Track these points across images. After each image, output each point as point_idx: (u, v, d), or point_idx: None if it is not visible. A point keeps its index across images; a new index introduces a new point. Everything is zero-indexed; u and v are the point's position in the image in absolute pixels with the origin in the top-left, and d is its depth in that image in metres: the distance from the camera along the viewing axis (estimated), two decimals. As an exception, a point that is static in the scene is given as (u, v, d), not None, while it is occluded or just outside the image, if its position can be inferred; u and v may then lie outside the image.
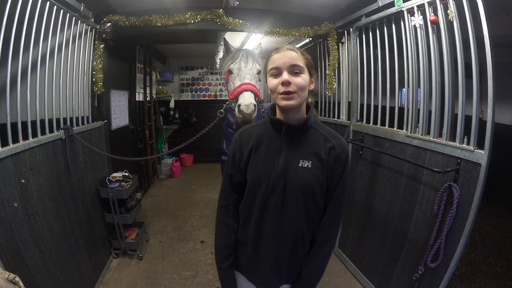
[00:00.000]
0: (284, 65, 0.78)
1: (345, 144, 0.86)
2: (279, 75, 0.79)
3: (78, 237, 1.71)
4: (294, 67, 0.78)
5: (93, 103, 2.06)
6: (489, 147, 1.15)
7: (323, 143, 0.84)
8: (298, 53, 0.80)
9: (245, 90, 1.43)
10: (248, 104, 1.38)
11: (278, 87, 0.78)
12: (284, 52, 0.79)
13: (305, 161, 0.83)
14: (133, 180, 2.18)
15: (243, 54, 1.58)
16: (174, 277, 2.02)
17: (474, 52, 1.19)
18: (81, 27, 1.81)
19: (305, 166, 0.83)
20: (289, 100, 0.78)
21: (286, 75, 0.77)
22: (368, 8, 1.81)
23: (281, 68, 0.78)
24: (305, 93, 0.81)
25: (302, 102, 0.82)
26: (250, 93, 1.43)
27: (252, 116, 1.41)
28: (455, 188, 1.25)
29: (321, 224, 0.88)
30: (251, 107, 1.38)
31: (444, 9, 1.31)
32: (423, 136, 1.46)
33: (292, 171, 0.83)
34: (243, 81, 1.48)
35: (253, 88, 1.46)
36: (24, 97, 1.35)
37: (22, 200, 1.26)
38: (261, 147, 0.86)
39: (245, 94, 1.42)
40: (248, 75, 1.52)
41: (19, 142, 1.27)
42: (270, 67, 0.81)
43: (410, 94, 1.58)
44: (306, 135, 0.85)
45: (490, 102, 1.14)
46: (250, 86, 1.45)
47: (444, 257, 1.32)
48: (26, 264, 1.25)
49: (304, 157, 0.83)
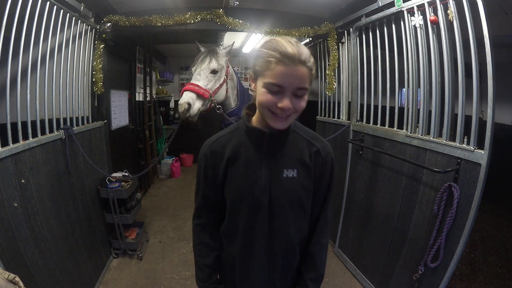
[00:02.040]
0: (290, 85, 0.62)
1: (329, 147, 0.79)
2: (278, 94, 0.63)
3: (78, 237, 1.71)
4: (299, 90, 0.63)
5: (93, 103, 2.06)
6: (489, 147, 1.15)
7: (307, 147, 0.76)
8: (309, 68, 0.63)
9: (185, 91, 1.53)
10: (181, 103, 1.49)
11: (275, 108, 0.64)
12: (294, 69, 0.61)
13: (290, 170, 0.74)
14: (133, 180, 2.18)
15: (203, 56, 1.64)
16: (174, 277, 2.02)
17: (474, 52, 1.19)
18: (81, 27, 1.81)
19: (290, 176, 0.74)
20: (284, 122, 0.67)
21: (287, 102, 0.63)
22: (368, 8, 1.81)
23: (285, 88, 0.63)
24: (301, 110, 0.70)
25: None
26: (188, 93, 1.52)
27: (188, 114, 1.51)
28: (455, 188, 1.25)
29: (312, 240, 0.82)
30: (183, 106, 1.49)
31: (444, 9, 1.31)
32: (423, 136, 1.46)
33: (277, 183, 0.74)
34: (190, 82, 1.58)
35: (193, 87, 1.53)
36: (24, 97, 1.35)
37: (22, 200, 1.26)
38: (239, 160, 0.75)
39: (183, 95, 1.52)
40: (197, 75, 1.59)
41: (19, 142, 1.27)
42: (269, 80, 0.63)
43: (410, 94, 1.58)
44: (287, 140, 0.75)
45: (490, 102, 1.13)
46: (190, 86, 1.54)
47: (444, 257, 1.32)
48: (26, 264, 1.24)
49: (288, 165, 0.74)
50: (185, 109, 1.49)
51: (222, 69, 1.67)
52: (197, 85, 1.55)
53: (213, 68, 1.61)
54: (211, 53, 1.65)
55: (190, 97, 1.51)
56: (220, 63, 1.65)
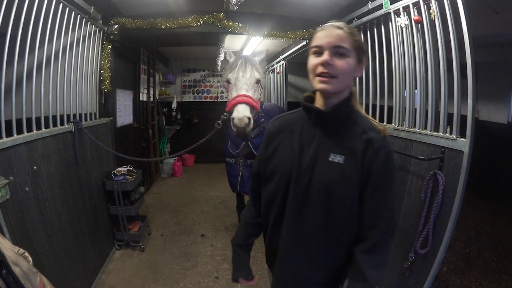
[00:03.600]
0: (328, 44, 0.68)
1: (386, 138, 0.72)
2: (320, 55, 0.69)
3: (83, 226, 1.79)
4: (339, 49, 0.68)
5: (100, 100, 2.18)
6: (470, 135, 1.22)
7: (360, 136, 0.72)
8: (346, 32, 0.69)
9: (240, 103, 1.40)
10: (241, 117, 1.36)
11: (317, 68, 0.69)
12: (330, 30, 0.69)
13: (337, 156, 0.71)
14: (137, 174, 2.27)
15: (241, 63, 1.55)
16: (175, 267, 2.09)
17: (455, 48, 1.27)
18: (91, 28, 1.94)
19: (335, 161, 0.71)
20: (326, 84, 0.68)
21: (327, 55, 0.67)
22: (360, 11, 1.91)
23: (324, 47, 0.68)
24: (347, 79, 0.71)
25: (343, 89, 0.72)
26: (245, 106, 1.40)
27: (247, 129, 1.38)
28: (440, 176, 1.32)
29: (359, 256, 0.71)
30: (244, 120, 1.36)
31: (427, 9, 1.41)
32: (409, 128, 1.54)
33: (320, 165, 0.72)
34: (239, 92, 1.46)
35: (248, 100, 1.42)
36: (38, 92, 1.46)
37: (33, 186, 1.35)
38: (292, 137, 0.78)
39: (239, 107, 1.39)
40: (245, 85, 1.48)
41: (33, 131, 1.38)
42: (312, 44, 0.71)
43: (398, 90, 1.66)
44: (344, 127, 0.74)
45: (470, 93, 1.21)
46: (245, 98, 1.42)
47: (433, 244, 1.37)
48: (34, 246, 1.31)
49: (336, 150, 0.72)
50: (246, 123, 1.36)
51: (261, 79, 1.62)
52: (250, 97, 1.45)
53: (257, 77, 1.54)
54: (249, 61, 1.57)
55: (248, 110, 1.40)
56: (260, 72, 1.60)
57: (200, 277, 1.98)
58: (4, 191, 1.12)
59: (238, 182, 2.03)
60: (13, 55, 1.24)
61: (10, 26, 1.21)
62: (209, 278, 1.98)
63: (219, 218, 2.95)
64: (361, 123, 0.74)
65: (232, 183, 2.13)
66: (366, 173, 0.70)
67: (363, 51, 0.74)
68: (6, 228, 1.12)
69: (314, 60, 0.70)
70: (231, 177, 2.13)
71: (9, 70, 1.23)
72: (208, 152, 5.06)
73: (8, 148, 1.18)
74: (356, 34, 0.72)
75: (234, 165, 2.06)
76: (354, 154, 0.71)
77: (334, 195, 0.71)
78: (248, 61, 1.56)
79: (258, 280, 0.86)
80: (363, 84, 2.02)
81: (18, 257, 0.87)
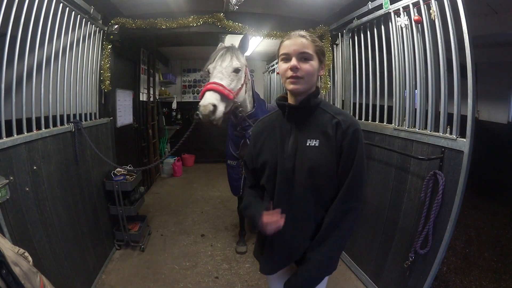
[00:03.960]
0: (294, 52, 0.82)
1: (352, 119, 0.85)
2: (288, 60, 0.83)
3: (83, 226, 1.79)
4: (303, 54, 0.82)
5: (100, 100, 2.18)
6: (470, 135, 1.22)
7: (330, 120, 0.85)
8: (309, 40, 0.84)
9: (207, 90, 1.35)
10: (206, 104, 1.30)
11: (287, 72, 0.83)
12: (295, 39, 0.83)
13: (313, 140, 0.85)
14: (137, 174, 2.27)
15: (222, 53, 1.50)
16: (175, 267, 2.09)
17: (455, 48, 1.28)
18: (90, 28, 1.94)
19: (312, 145, 0.84)
20: (296, 84, 0.83)
21: (294, 61, 0.82)
22: (360, 11, 1.91)
23: (291, 54, 0.83)
24: (313, 79, 0.85)
25: (310, 87, 0.86)
26: (212, 93, 1.34)
27: (212, 117, 1.32)
28: (440, 176, 1.32)
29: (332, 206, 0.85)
30: (208, 107, 1.29)
31: (427, 9, 1.41)
32: (409, 128, 1.54)
33: (301, 151, 0.85)
34: (212, 80, 1.41)
35: (217, 87, 1.36)
36: (38, 92, 1.46)
37: (33, 185, 1.35)
38: (274, 132, 0.92)
39: (206, 94, 1.34)
40: (219, 73, 1.43)
41: (33, 131, 1.38)
42: (280, 52, 0.86)
43: (398, 90, 1.66)
44: (313, 116, 0.87)
45: (470, 93, 1.21)
46: (215, 85, 1.36)
47: (433, 243, 1.37)
48: (34, 246, 1.31)
49: (311, 136, 0.85)
50: (210, 111, 1.30)
51: (243, 68, 1.55)
52: (221, 85, 1.37)
53: (236, 66, 1.47)
54: (231, 50, 1.52)
55: (215, 98, 1.33)
56: (241, 61, 1.52)
57: (200, 277, 1.98)
58: (4, 191, 1.13)
59: (240, 186, 1.98)
60: (13, 55, 1.24)
61: (10, 26, 1.21)
62: (209, 278, 1.98)
63: (219, 218, 2.95)
64: (330, 110, 0.88)
65: (234, 186, 2.07)
66: (339, 150, 0.84)
67: (324, 54, 0.88)
68: (6, 228, 1.12)
69: (284, 65, 0.85)
70: (232, 180, 2.06)
71: (9, 70, 1.23)
72: (208, 152, 5.08)
73: (8, 148, 1.18)
74: (317, 41, 0.87)
75: (236, 167, 2.00)
76: (327, 136, 0.84)
77: (316, 173, 0.84)
78: (229, 51, 1.51)
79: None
80: (363, 84, 2.02)
81: (18, 257, 0.87)
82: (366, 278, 1.87)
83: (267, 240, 0.94)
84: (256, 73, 5.13)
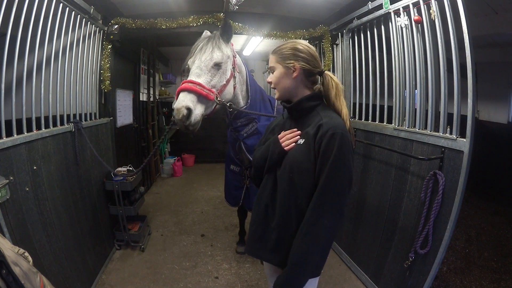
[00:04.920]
0: (269, 68, 1.00)
1: (336, 123, 0.84)
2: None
3: (83, 226, 1.79)
4: (271, 68, 0.98)
5: (100, 100, 2.18)
6: (470, 135, 1.22)
7: (316, 123, 0.88)
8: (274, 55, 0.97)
9: (181, 90, 1.16)
10: (178, 108, 1.11)
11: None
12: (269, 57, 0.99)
13: (301, 140, 0.91)
14: (137, 174, 2.27)
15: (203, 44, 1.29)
16: (175, 267, 2.09)
17: (455, 48, 1.28)
18: (90, 28, 1.94)
19: (298, 143, 0.91)
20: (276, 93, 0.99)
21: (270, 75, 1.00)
22: (360, 11, 1.92)
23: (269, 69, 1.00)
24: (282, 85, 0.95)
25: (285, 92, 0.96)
26: (186, 94, 1.14)
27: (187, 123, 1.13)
28: (440, 176, 1.32)
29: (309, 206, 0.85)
30: (181, 111, 1.11)
31: (427, 9, 1.41)
32: (409, 128, 1.54)
33: (293, 148, 0.92)
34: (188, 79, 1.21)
35: (193, 87, 1.15)
36: (38, 92, 1.46)
37: (33, 185, 1.35)
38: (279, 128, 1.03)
39: (180, 96, 1.15)
40: (197, 69, 1.22)
41: (33, 131, 1.38)
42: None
43: (398, 90, 1.66)
44: (308, 118, 0.93)
45: (470, 93, 1.21)
46: (190, 85, 1.16)
47: (433, 243, 1.38)
48: (34, 246, 1.31)
49: (302, 136, 0.91)
50: (184, 115, 1.12)
51: (228, 59, 1.32)
52: (198, 83, 1.18)
53: (217, 59, 1.26)
54: (212, 40, 1.29)
55: (190, 100, 1.15)
56: (224, 52, 1.29)
57: (200, 277, 1.98)
58: (4, 191, 1.13)
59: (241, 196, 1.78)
60: (13, 55, 1.24)
61: (10, 26, 1.21)
62: (209, 278, 1.98)
63: (219, 218, 2.95)
64: (323, 114, 0.91)
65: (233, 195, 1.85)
66: (317, 152, 0.86)
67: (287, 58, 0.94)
68: (6, 228, 1.12)
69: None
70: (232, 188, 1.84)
71: (9, 70, 1.23)
72: (208, 152, 5.08)
73: (8, 148, 1.18)
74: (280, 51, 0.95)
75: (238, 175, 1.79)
76: (309, 137, 0.88)
77: (293, 168, 0.88)
78: (210, 41, 1.29)
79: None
80: (363, 84, 2.02)
81: (18, 257, 0.87)
82: (366, 278, 1.87)
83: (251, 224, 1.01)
84: (256, 73, 5.13)
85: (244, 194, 1.80)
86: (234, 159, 1.81)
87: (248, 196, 1.80)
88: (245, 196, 1.80)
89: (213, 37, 1.33)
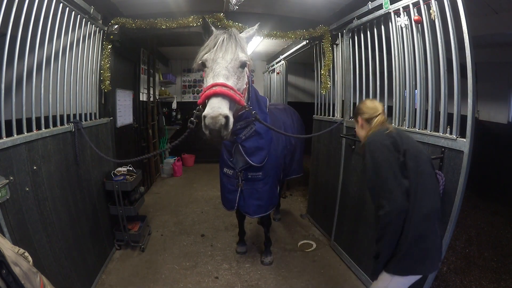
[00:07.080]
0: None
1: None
2: None
3: (83, 226, 1.79)
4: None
5: (100, 100, 2.18)
6: (470, 135, 1.22)
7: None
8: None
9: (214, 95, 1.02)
10: (215, 116, 0.97)
11: None
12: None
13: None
14: (137, 174, 2.27)
15: (223, 39, 1.16)
16: (175, 267, 2.09)
17: (455, 48, 1.28)
18: (90, 28, 1.94)
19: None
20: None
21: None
22: (360, 11, 1.92)
23: None
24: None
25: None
26: (221, 100, 1.01)
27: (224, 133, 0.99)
28: (440, 176, 1.32)
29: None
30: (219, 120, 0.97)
31: (427, 9, 1.41)
32: (409, 128, 1.54)
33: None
34: (216, 80, 1.07)
35: (228, 91, 1.03)
36: (38, 92, 1.46)
37: (34, 185, 1.35)
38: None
39: (213, 102, 1.01)
40: (224, 70, 1.09)
41: (33, 131, 1.38)
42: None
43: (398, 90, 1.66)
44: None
45: (470, 93, 1.21)
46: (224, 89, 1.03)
47: (433, 244, 1.37)
48: (34, 246, 1.31)
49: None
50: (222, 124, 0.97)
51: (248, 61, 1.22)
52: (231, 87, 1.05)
53: (243, 60, 1.15)
54: (234, 38, 1.17)
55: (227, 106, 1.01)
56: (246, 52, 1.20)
57: (200, 277, 1.98)
58: (4, 191, 1.12)
59: (236, 199, 1.74)
60: (13, 55, 1.24)
61: (10, 26, 1.21)
62: (209, 278, 1.98)
63: (219, 218, 2.95)
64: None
65: (228, 199, 1.81)
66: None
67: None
68: (6, 228, 1.12)
69: None
70: (227, 191, 1.81)
71: (9, 70, 1.23)
72: (208, 152, 5.06)
73: (8, 148, 1.18)
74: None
75: (232, 178, 1.75)
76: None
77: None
78: (231, 38, 1.17)
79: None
80: (363, 84, 2.02)
81: (18, 257, 0.87)
82: (366, 278, 1.87)
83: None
84: (256, 73, 5.13)
85: (238, 197, 1.76)
86: (227, 162, 1.75)
87: (242, 199, 1.76)
88: (239, 200, 1.77)
89: (235, 34, 1.21)
